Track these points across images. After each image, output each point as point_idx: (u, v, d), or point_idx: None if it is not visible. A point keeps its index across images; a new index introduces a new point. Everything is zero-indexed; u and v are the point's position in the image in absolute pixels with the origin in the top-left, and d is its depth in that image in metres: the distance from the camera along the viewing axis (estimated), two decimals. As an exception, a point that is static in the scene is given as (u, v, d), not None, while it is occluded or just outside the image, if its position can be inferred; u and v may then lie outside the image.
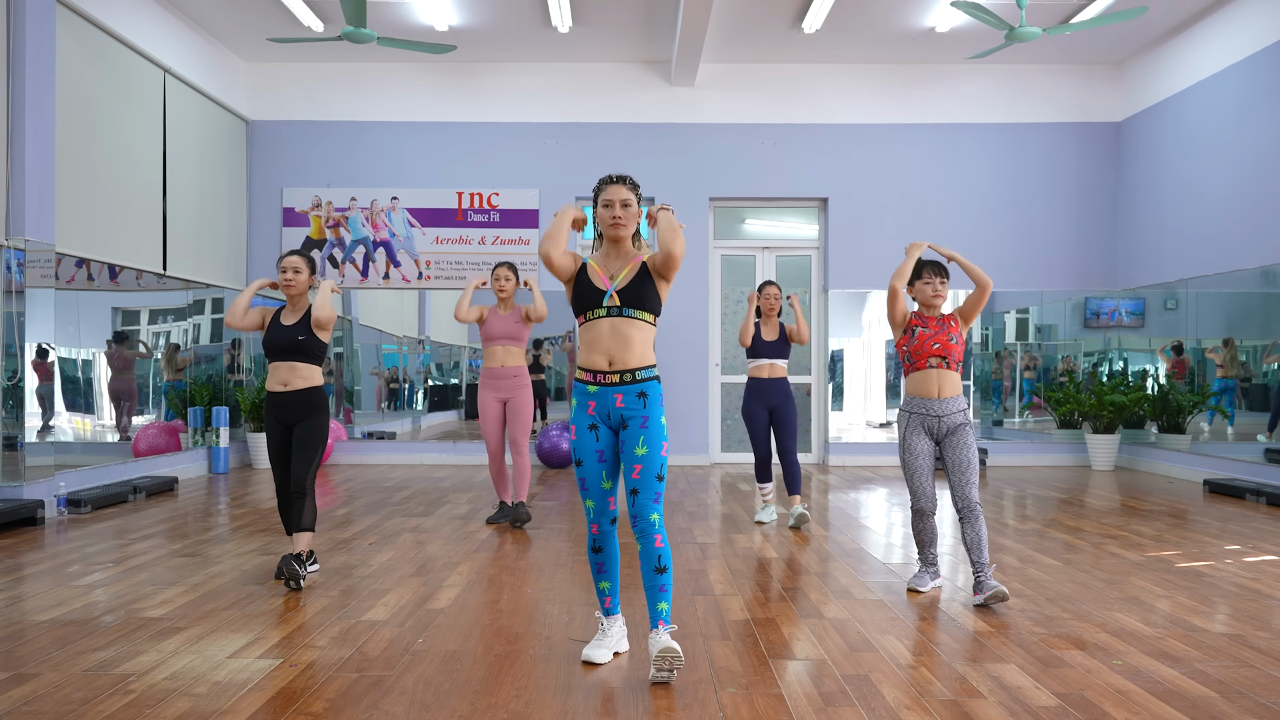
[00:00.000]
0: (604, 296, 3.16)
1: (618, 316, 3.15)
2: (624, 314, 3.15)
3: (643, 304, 3.16)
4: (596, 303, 3.17)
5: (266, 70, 9.73)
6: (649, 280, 3.18)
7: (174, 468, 8.20)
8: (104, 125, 7.39)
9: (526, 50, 9.38)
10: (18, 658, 3.27)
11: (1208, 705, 2.85)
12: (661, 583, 3.11)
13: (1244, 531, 5.82)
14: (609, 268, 3.23)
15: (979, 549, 4.00)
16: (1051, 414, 9.76)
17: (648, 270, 3.19)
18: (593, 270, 3.23)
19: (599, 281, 3.20)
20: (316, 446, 4.38)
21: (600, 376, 3.15)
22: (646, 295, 3.16)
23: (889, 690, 2.97)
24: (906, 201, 9.76)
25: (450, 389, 10.15)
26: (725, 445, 10.02)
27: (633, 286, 3.16)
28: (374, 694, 2.93)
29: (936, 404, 4.10)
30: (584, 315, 3.20)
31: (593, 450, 3.17)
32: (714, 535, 5.68)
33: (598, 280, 3.20)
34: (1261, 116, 7.77)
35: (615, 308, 3.15)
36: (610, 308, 3.15)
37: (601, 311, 3.16)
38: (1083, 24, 7.12)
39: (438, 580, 4.46)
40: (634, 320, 3.15)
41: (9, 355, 6.20)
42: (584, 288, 3.20)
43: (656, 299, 3.19)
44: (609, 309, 3.15)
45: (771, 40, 9.09)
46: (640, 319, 3.16)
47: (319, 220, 9.73)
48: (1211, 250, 8.36)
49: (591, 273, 3.22)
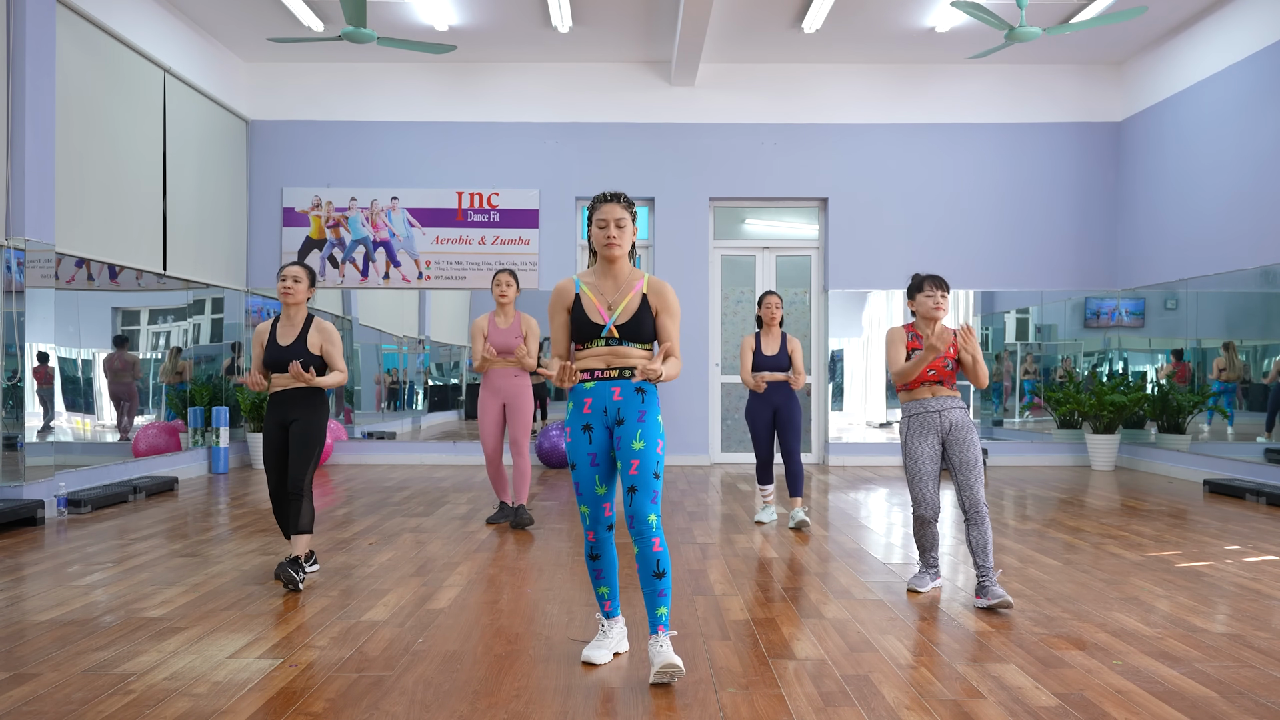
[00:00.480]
0: (602, 330, 3.11)
1: (617, 346, 3.12)
2: (623, 344, 3.12)
3: (641, 337, 3.12)
4: (595, 335, 3.12)
5: (266, 70, 9.73)
6: (649, 315, 3.13)
7: (174, 468, 8.20)
8: (104, 125, 7.39)
9: (526, 50, 9.38)
10: (18, 658, 3.27)
11: (1208, 705, 2.85)
12: (660, 588, 3.07)
13: (1244, 531, 5.82)
14: (605, 295, 3.15)
15: (984, 553, 3.99)
16: (1051, 414, 9.76)
17: (648, 306, 3.14)
18: (587, 301, 3.14)
19: (595, 315, 3.13)
20: (314, 446, 4.34)
21: (598, 373, 3.13)
22: (645, 328, 3.12)
23: (889, 690, 2.97)
24: (906, 201, 9.76)
25: (450, 389, 10.15)
26: (725, 445, 10.02)
27: (633, 323, 3.11)
28: (374, 694, 2.93)
29: (933, 401, 4.10)
30: (581, 345, 3.16)
31: (586, 453, 3.14)
32: (714, 535, 5.68)
33: (594, 313, 3.13)
34: (1261, 116, 7.77)
35: (614, 339, 3.11)
36: (609, 339, 3.12)
37: (600, 343, 3.13)
38: (1083, 24, 7.12)
39: (438, 580, 4.46)
40: (633, 348, 3.13)
41: (9, 355, 6.20)
42: (580, 320, 3.13)
43: (654, 330, 3.16)
44: (607, 339, 3.12)
45: (771, 40, 9.09)
46: (640, 347, 3.14)
47: (319, 220, 9.73)
48: (1211, 250, 8.36)
49: (587, 304, 3.14)
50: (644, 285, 3.16)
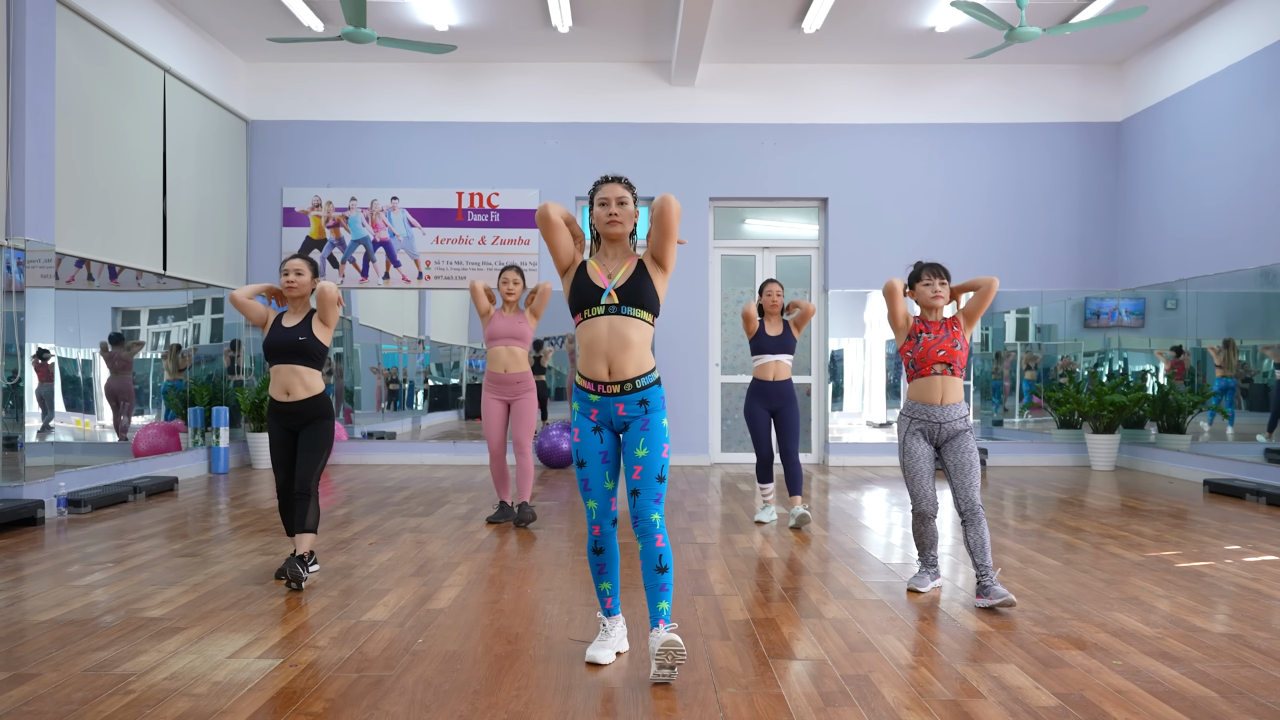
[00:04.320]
0: (602, 294, 3.15)
1: (616, 315, 3.14)
2: (622, 312, 3.14)
3: (641, 302, 3.15)
4: (594, 300, 3.16)
5: (266, 70, 9.73)
6: (647, 278, 3.17)
7: (174, 468, 8.20)
8: (104, 125, 7.39)
9: (526, 50, 9.38)
10: (18, 658, 3.27)
11: (1208, 705, 2.85)
12: (662, 582, 3.11)
13: (1244, 531, 5.82)
14: (607, 267, 3.22)
15: (982, 552, 4.00)
16: (1051, 414, 9.76)
17: (645, 269, 3.19)
18: (591, 268, 3.22)
19: (597, 279, 3.18)
20: (322, 449, 4.41)
21: (601, 387, 3.15)
22: (645, 293, 3.15)
23: (889, 690, 2.97)
24: (906, 201, 9.76)
25: (450, 389, 10.14)
26: (725, 445, 10.02)
27: (631, 284, 3.15)
28: (374, 694, 2.93)
29: (938, 410, 4.09)
30: (581, 314, 3.19)
31: (596, 451, 3.18)
32: (714, 535, 5.68)
33: (596, 278, 3.19)
34: (1261, 116, 7.77)
35: (614, 305, 3.14)
36: (609, 305, 3.14)
37: (599, 310, 3.15)
38: (1083, 24, 7.12)
39: (438, 580, 4.46)
40: (632, 320, 3.14)
41: (9, 355, 6.20)
42: (582, 284, 3.19)
43: (655, 297, 3.18)
44: (607, 307, 3.14)
45: (771, 40, 9.09)
46: (639, 318, 3.15)
47: (319, 220, 9.73)
48: (1211, 250, 8.36)
49: (590, 270, 3.21)
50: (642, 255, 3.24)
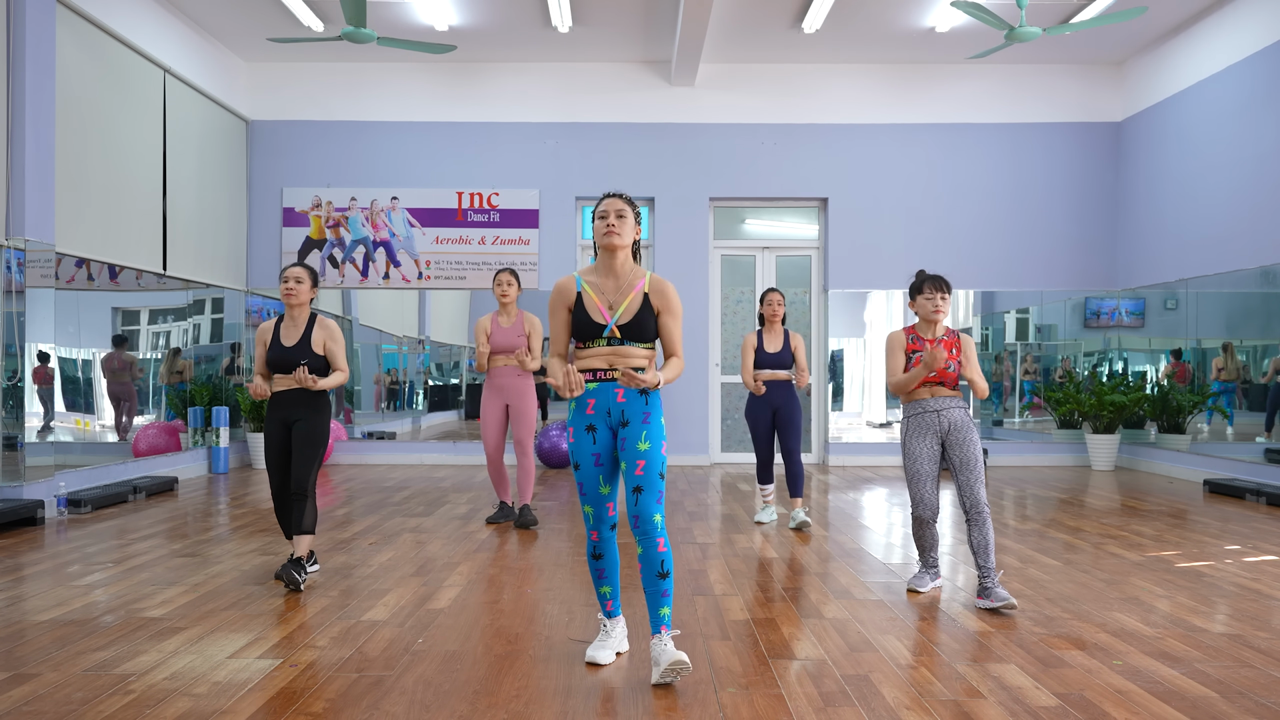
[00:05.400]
0: (604, 330, 3.10)
1: (619, 346, 3.12)
2: (625, 344, 3.11)
3: (644, 336, 3.12)
4: (596, 335, 3.11)
5: (266, 70, 9.73)
6: (650, 313, 3.12)
7: (174, 468, 8.20)
8: (104, 125, 7.39)
9: (526, 50, 9.38)
10: (18, 658, 3.27)
11: (1208, 705, 2.85)
12: (664, 588, 3.07)
13: (1244, 531, 5.82)
14: (606, 294, 3.14)
15: (985, 553, 3.98)
16: (1051, 414, 9.76)
17: (650, 305, 3.12)
18: (589, 300, 3.12)
19: (597, 314, 3.11)
20: (318, 446, 4.34)
21: (600, 374, 3.13)
22: (647, 327, 3.11)
23: (889, 690, 2.97)
24: (906, 201, 9.76)
25: (450, 389, 10.14)
26: (725, 445, 10.02)
27: (634, 323, 3.10)
28: (374, 694, 2.93)
29: (932, 401, 4.10)
30: (582, 344, 3.15)
31: (589, 453, 3.14)
32: (714, 535, 5.68)
33: (596, 313, 3.11)
34: (1261, 116, 7.77)
35: (616, 339, 3.11)
36: (610, 339, 3.11)
37: (601, 343, 3.12)
38: (1083, 24, 7.12)
39: (438, 580, 4.46)
40: (636, 348, 3.12)
41: (9, 355, 6.20)
42: (582, 320, 3.12)
43: (656, 328, 3.15)
44: (609, 339, 3.11)
45: (771, 40, 9.09)
46: (642, 349, 3.13)
47: (319, 220, 9.73)
48: (1211, 250, 8.36)
49: (588, 303, 3.12)
50: (645, 284, 3.15)
